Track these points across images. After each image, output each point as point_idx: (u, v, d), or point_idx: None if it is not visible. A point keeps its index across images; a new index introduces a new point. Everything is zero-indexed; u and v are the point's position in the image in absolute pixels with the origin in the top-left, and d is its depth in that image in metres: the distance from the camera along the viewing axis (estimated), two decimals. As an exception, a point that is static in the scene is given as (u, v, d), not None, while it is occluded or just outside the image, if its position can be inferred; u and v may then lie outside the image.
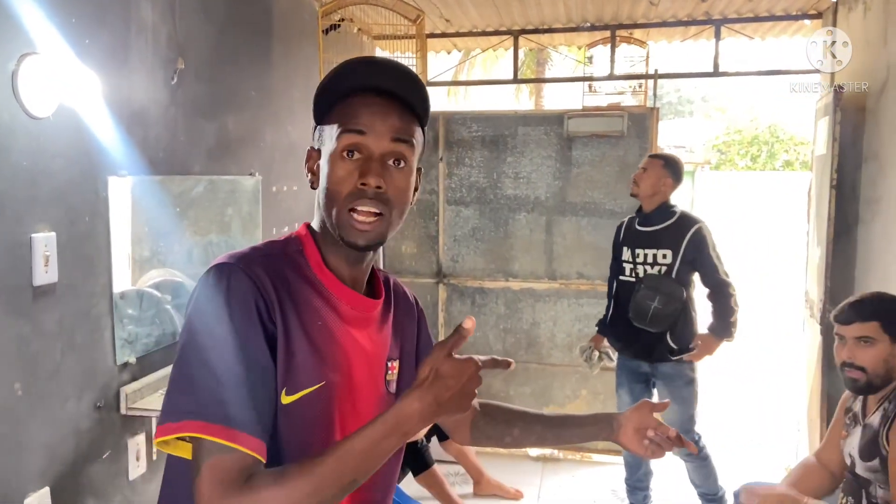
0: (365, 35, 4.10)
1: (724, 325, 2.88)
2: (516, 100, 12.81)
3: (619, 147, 3.88)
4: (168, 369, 2.29)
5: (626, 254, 3.08)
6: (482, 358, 0.90)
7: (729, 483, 2.97)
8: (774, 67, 4.18)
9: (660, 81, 4.09)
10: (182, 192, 2.49)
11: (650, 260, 2.98)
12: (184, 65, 2.38)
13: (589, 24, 4.24)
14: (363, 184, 0.91)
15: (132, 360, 2.17)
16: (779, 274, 10.08)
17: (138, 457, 2.21)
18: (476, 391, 0.89)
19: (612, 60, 4.07)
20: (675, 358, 2.93)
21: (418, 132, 0.99)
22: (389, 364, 1.06)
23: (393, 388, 1.06)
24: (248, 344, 0.87)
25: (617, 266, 3.16)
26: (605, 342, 3.26)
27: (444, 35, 4.53)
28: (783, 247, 10.52)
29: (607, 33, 4.12)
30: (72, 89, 1.85)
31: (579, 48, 4.98)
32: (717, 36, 3.99)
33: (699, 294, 3.04)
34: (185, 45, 2.40)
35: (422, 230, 4.16)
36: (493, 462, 3.71)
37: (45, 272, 1.78)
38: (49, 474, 1.83)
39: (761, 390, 5.51)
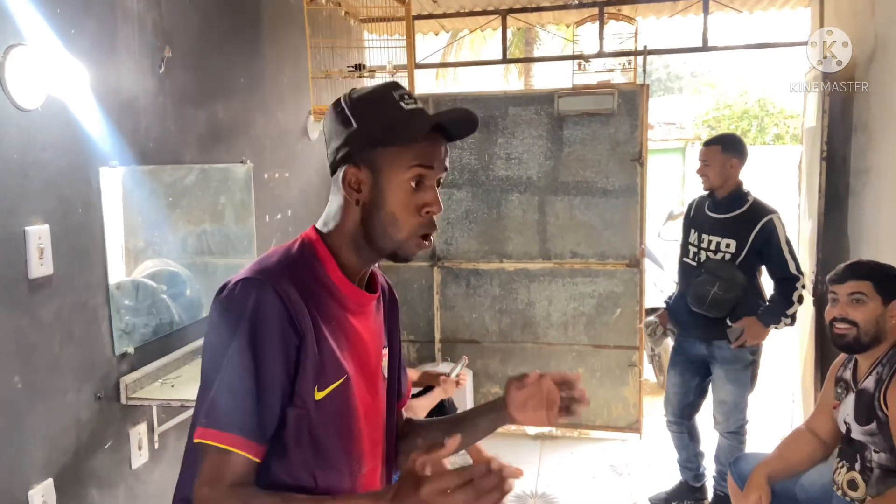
0: (352, 18, 4.07)
1: (776, 314, 2.84)
2: (505, 80, 12.75)
3: (610, 125, 3.88)
4: (167, 358, 2.31)
5: (693, 236, 3.05)
6: (447, 463, 0.88)
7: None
8: (763, 40, 4.18)
9: (648, 58, 4.08)
10: (174, 182, 2.48)
11: (713, 247, 2.94)
12: (171, 53, 2.36)
13: (577, 2, 4.22)
14: (428, 212, 1.05)
15: (130, 350, 2.17)
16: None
17: (140, 446, 2.22)
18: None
19: (602, 38, 4.06)
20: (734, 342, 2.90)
21: None
22: (383, 351, 1.18)
23: (385, 373, 1.19)
24: (265, 359, 0.97)
25: (683, 247, 3.14)
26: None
27: (431, 16, 4.51)
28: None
29: (595, 10, 4.10)
30: (60, 80, 1.83)
31: (567, 26, 4.96)
32: (706, 10, 3.98)
33: (766, 281, 2.99)
34: (172, 32, 2.38)
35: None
36: (492, 441, 3.73)
37: (40, 265, 1.78)
38: (52, 465, 1.84)
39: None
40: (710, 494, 3.18)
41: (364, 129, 1.04)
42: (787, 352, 4.45)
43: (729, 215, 2.93)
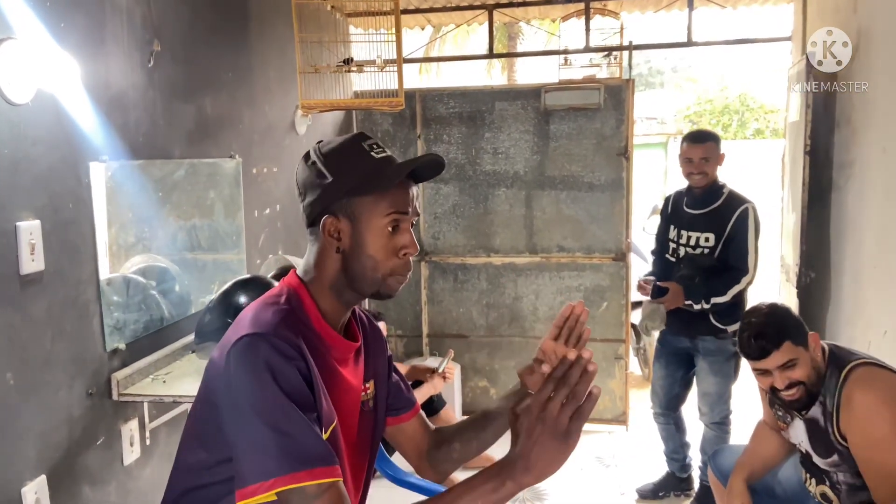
0: (338, 13, 4.05)
1: (702, 295, 2.85)
2: (489, 75, 12.77)
3: (596, 120, 3.91)
4: (158, 354, 2.30)
5: (672, 232, 3.06)
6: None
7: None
8: (746, 36, 4.22)
9: (630, 53, 4.12)
10: (163, 177, 2.46)
11: (693, 242, 2.95)
12: (160, 47, 2.34)
13: (563, -3, 4.23)
14: (405, 254, 1.13)
15: (122, 346, 2.16)
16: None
17: (132, 442, 2.21)
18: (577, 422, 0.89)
19: (588, 32, 4.08)
20: (719, 335, 2.92)
21: None
22: (366, 385, 1.25)
23: (371, 404, 1.27)
24: (296, 394, 1.00)
25: (662, 243, 3.15)
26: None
27: (417, 10, 4.50)
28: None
29: (581, 5, 4.12)
30: (50, 74, 1.81)
31: (553, 21, 4.97)
32: (691, 5, 4.01)
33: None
34: (160, 26, 2.36)
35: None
36: (480, 434, 3.77)
37: (31, 260, 1.76)
38: (45, 462, 1.83)
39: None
40: (696, 485, 3.22)
41: (339, 181, 1.10)
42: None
43: (706, 209, 2.94)
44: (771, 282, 4.32)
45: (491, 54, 4.55)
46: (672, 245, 3.05)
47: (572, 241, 4.04)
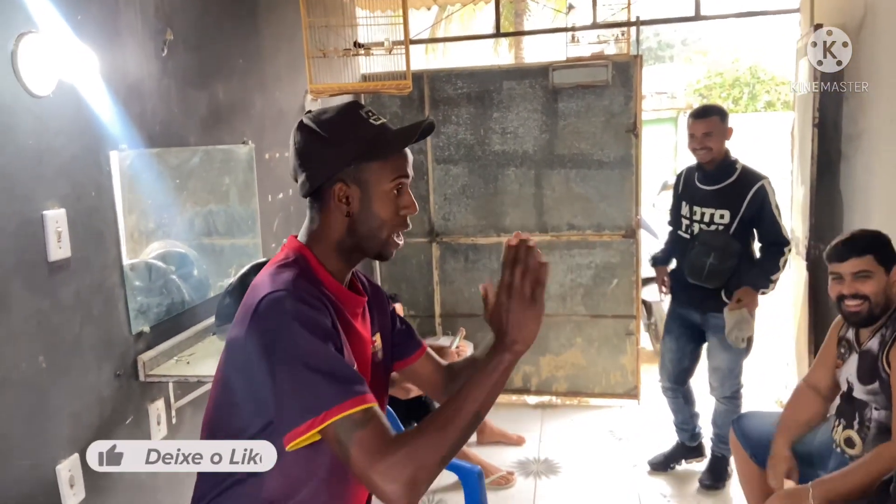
0: (345, -4, 4.07)
1: (765, 279, 2.87)
2: (496, 53, 12.70)
3: (605, 97, 3.92)
4: (180, 336, 2.37)
5: (685, 209, 3.05)
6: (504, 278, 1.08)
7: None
8: (754, 8, 4.20)
9: (640, 27, 4.11)
10: (180, 164, 2.52)
11: (707, 219, 2.96)
12: (172, 35, 2.39)
13: (570, -26, 4.23)
14: (405, 213, 1.22)
15: (146, 329, 2.23)
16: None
17: (159, 421, 2.29)
18: (536, 298, 1.07)
19: (595, 8, 4.08)
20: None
21: None
22: (374, 338, 1.33)
23: (380, 356, 1.35)
24: (326, 337, 1.07)
25: (675, 219, 3.16)
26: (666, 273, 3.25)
27: (423, -9, 4.51)
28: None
29: (588, -18, 4.11)
30: (69, 66, 1.86)
31: (560, -2, 4.96)
32: (698, -21, 3.99)
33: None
34: (172, 15, 2.40)
35: (412, 190, 4.20)
36: (494, 410, 3.82)
37: (58, 248, 1.82)
38: (77, 441, 1.90)
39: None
40: (707, 453, 3.27)
41: (345, 148, 1.17)
42: (780, 316, 4.55)
43: (720, 186, 2.93)
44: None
45: (498, 33, 4.56)
46: (685, 222, 3.05)
47: (582, 218, 4.07)
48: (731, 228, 2.89)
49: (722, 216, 2.91)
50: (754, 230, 2.94)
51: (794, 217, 3.74)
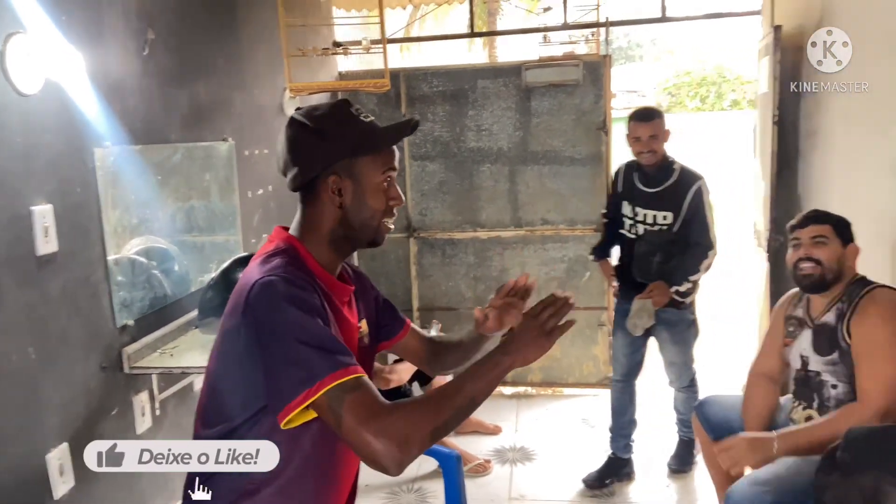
0: (321, -5, 4.13)
1: (681, 277, 2.90)
2: (469, 52, 12.79)
3: (576, 95, 4.03)
4: (164, 330, 2.42)
5: (627, 209, 3.06)
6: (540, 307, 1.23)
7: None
8: (718, 10, 4.35)
9: (610, 28, 4.23)
10: (161, 161, 2.56)
11: (650, 220, 2.98)
12: (153, 35, 2.43)
13: (541, -25, 4.33)
14: (394, 203, 1.29)
15: (130, 322, 2.28)
16: (730, 209, 10.46)
17: (143, 412, 2.34)
18: (552, 327, 1.21)
19: (566, 10, 4.19)
20: (679, 306, 2.98)
21: None
22: (360, 325, 1.39)
23: (366, 341, 1.41)
24: (317, 314, 1.12)
25: (616, 217, 3.15)
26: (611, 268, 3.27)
27: (398, -9, 4.58)
28: (733, 182, 10.89)
29: (559, -17, 4.21)
30: (55, 65, 1.91)
31: (532, -1, 5.06)
32: (664, -19, 4.11)
33: None
34: (154, 15, 2.45)
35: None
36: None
37: (45, 243, 1.87)
38: (66, 431, 1.95)
39: (717, 317, 5.84)
40: (635, 468, 3.26)
41: (339, 144, 1.23)
42: (744, 307, 4.71)
43: (661, 188, 2.96)
44: (744, 247, 4.49)
45: (472, 33, 4.65)
46: (629, 222, 3.07)
47: (555, 213, 4.17)
48: (674, 227, 2.94)
49: (665, 217, 2.95)
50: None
51: (755, 210, 3.89)
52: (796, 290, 2.30)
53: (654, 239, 2.97)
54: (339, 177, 1.24)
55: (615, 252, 3.29)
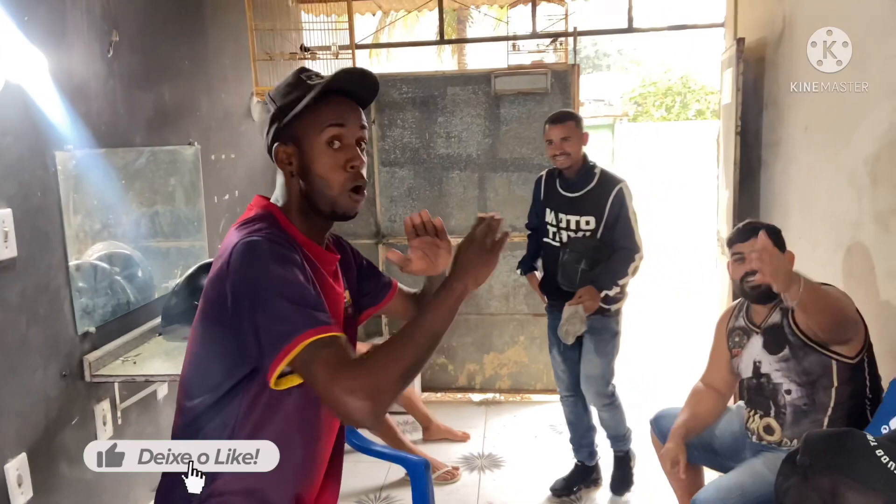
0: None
1: (609, 281, 2.83)
2: (439, 59, 12.85)
3: (544, 104, 4.06)
4: (126, 337, 2.37)
5: (550, 216, 3.00)
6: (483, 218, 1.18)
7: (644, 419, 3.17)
8: (684, 22, 4.44)
9: (575, 39, 4.28)
10: (126, 165, 2.52)
11: (573, 226, 2.91)
12: (118, 37, 2.39)
13: (510, -16, 4.36)
14: (352, 167, 1.19)
15: (92, 329, 2.23)
16: (694, 216, 10.66)
17: (105, 421, 2.29)
18: (494, 241, 1.15)
19: (534, 19, 4.23)
20: (605, 313, 2.91)
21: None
22: (346, 294, 1.37)
23: (350, 310, 1.40)
24: (300, 272, 1.10)
25: (539, 225, 3.09)
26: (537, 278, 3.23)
27: (368, -3, 4.58)
28: (697, 191, 11.09)
29: (528, -8, 4.26)
30: (16, 66, 1.87)
31: (501, 7, 5.10)
32: (631, -7, 4.19)
33: None
34: (119, 16, 2.41)
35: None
36: (440, 409, 3.93)
37: (4, 248, 1.82)
38: (25, 441, 1.90)
39: (680, 325, 5.93)
40: (602, 473, 3.24)
41: (280, 108, 1.20)
42: (706, 315, 4.78)
43: (582, 192, 2.90)
44: (708, 254, 4.57)
45: (442, 40, 4.66)
46: (552, 229, 3.00)
47: (524, 220, 4.19)
48: (597, 233, 2.87)
49: (588, 222, 2.89)
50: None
51: (719, 219, 3.97)
52: (734, 303, 2.36)
53: (579, 246, 2.89)
54: (285, 144, 1.21)
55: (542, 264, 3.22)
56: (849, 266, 2.44)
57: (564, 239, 2.95)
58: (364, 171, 1.23)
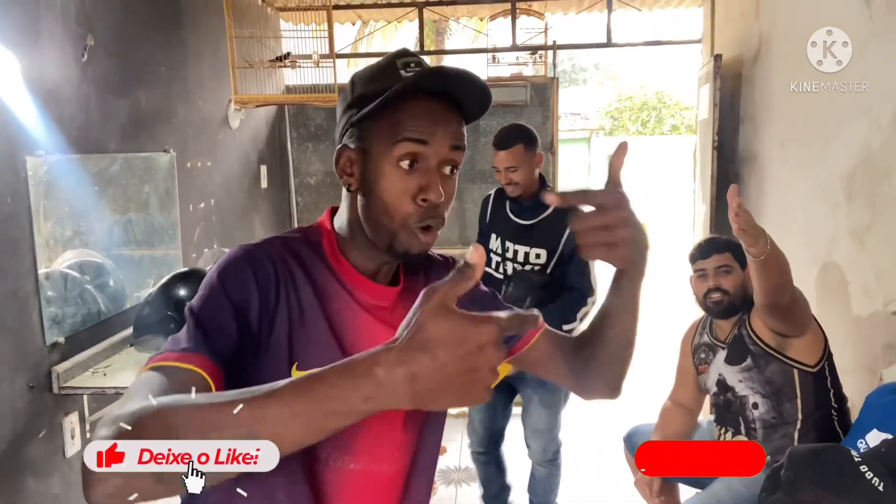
0: (269, 7, 4.08)
1: (555, 325, 2.08)
2: (417, 70, 12.85)
3: (523, 116, 4.07)
4: (97, 348, 2.32)
5: (495, 243, 2.54)
6: (504, 315, 0.61)
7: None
8: (661, 38, 4.49)
9: (554, 52, 4.31)
10: (99, 171, 2.46)
11: (521, 258, 2.47)
12: (93, 41, 2.35)
13: (491, -3, 4.39)
14: (424, 200, 0.87)
15: (61, 339, 2.17)
16: (668, 230, 10.78)
17: (73, 435, 2.22)
18: (494, 371, 0.61)
19: (514, 32, 4.25)
20: None
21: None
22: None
23: None
24: (235, 294, 0.85)
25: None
26: None
27: (349, 6, 4.56)
28: (672, 205, 11.23)
29: (508, 5, 4.28)
30: (-14, 68, 1.82)
31: (481, 19, 5.13)
32: (609, 7, 4.23)
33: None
34: (94, 20, 2.36)
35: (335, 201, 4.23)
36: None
37: (-30, 255, 1.77)
38: (-12, 455, 1.84)
39: (654, 339, 5.96)
40: None
41: (358, 98, 0.90)
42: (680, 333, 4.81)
43: (535, 220, 2.45)
44: (682, 268, 4.60)
45: (422, 51, 4.66)
46: (496, 258, 2.53)
47: (502, 232, 4.20)
48: (548, 268, 2.44)
49: (538, 255, 2.43)
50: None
51: (695, 233, 4.00)
52: (697, 319, 2.37)
53: (525, 281, 2.42)
54: (351, 148, 0.90)
55: None
56: (823, 282, 2.47)
57: (509, 271, 2.50)
58: (447, 206, 0.90)
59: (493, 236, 2.56)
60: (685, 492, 2.49)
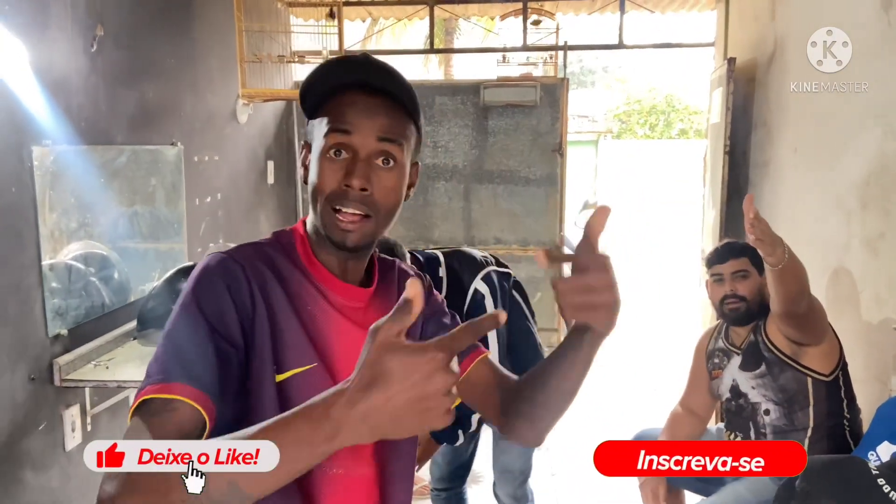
0: (280, 2, 4.06)
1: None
2: (425, 69, 12.85)
3: (533, 116, 4.05)
4: (100, 340, 2.30)
5: None
6: (453, 332, 0.65)
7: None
8: (673, 40, 4.46)
9: (565, 53, 4.28)
10: (105, 163, 2.45)
11: None
12: (103, 31, 2.33)
13: (502, -4, 4.36)
14: (347, 185, 0.88)
15: (63, 331, 2.15)
16: (676, 234, 10.73)
17: (73, 428, 2.20)
18: (449, 394, 0.63)
19: (525, 31, 4.22)
20: None
21: (410, 128, 0.95)
22: None
23: None
24: (210, 309, 0.85)
25: None
26: None
27: (360, 3, 4.54)
28: (680, 209, 11.18)
29: (519, 5, 4.25)
30: (-7, 56, 1.80)
31: (492, 19, 5.10)
32: (622, 9, 4.20)
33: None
34: (104, 11, 2.34)
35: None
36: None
37: (-26, 244, 1.75)
38: (-13, 447, 1.82)
39: (663, 344, 5.93)
40: None
41: (301, 94, 0.95)
42: (692, 333, 4.78)
43: None
44: (693, 274, 4.57)
45: (432, 49, 4.64)
46: None
47: (508, 233, 4.17)
48: None
49: None
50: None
51: (704, 238, 3.97)
52: (713, 325, 2.34)
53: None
54: (306, 142, 0.97)
55: None
56: (835, 289, 2.44)
57: None
58: (384, 198, 0.91)
59: None
60: (690, 498, 2.47)
